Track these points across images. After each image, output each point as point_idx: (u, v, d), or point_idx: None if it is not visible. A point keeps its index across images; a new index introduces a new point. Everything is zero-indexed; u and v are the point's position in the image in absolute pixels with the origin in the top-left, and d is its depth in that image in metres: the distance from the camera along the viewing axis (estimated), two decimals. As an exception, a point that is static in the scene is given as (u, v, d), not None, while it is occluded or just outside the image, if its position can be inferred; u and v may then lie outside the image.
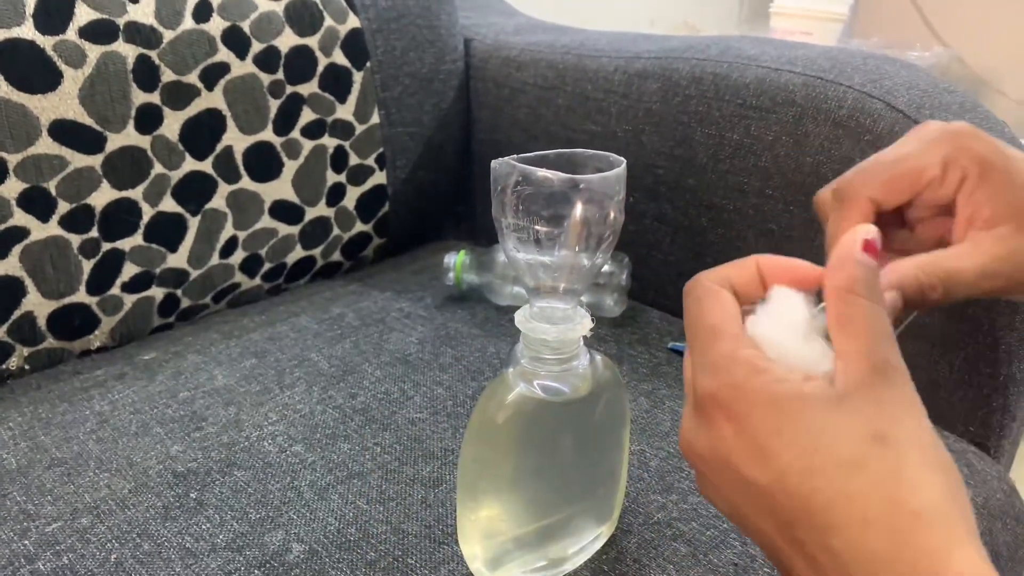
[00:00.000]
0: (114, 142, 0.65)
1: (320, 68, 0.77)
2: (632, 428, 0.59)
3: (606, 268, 0.75)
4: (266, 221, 0.77)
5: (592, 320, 0.42)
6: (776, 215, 0.72)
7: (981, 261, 0.38)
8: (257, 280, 0.80)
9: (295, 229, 0.80)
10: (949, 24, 1.87)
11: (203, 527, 0.50)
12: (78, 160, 0.63)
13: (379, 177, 0.86)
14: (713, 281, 0.35)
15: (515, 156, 0.40)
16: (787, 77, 0.71)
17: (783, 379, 0.30)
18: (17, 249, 0.63)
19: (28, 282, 0.64)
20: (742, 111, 0.73)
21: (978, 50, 1.81)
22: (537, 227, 0.40)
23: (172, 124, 0.68)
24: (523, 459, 0.44)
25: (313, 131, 0.78)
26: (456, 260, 0.79)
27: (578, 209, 0.40)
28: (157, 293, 0.72)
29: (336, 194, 0.82)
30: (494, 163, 0.40)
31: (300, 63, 0.75)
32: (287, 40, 0.74)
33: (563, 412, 0.43)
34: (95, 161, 0.64)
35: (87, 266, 0.66)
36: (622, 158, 0.40)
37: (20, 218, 0.62)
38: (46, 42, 0.61)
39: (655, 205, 0.81)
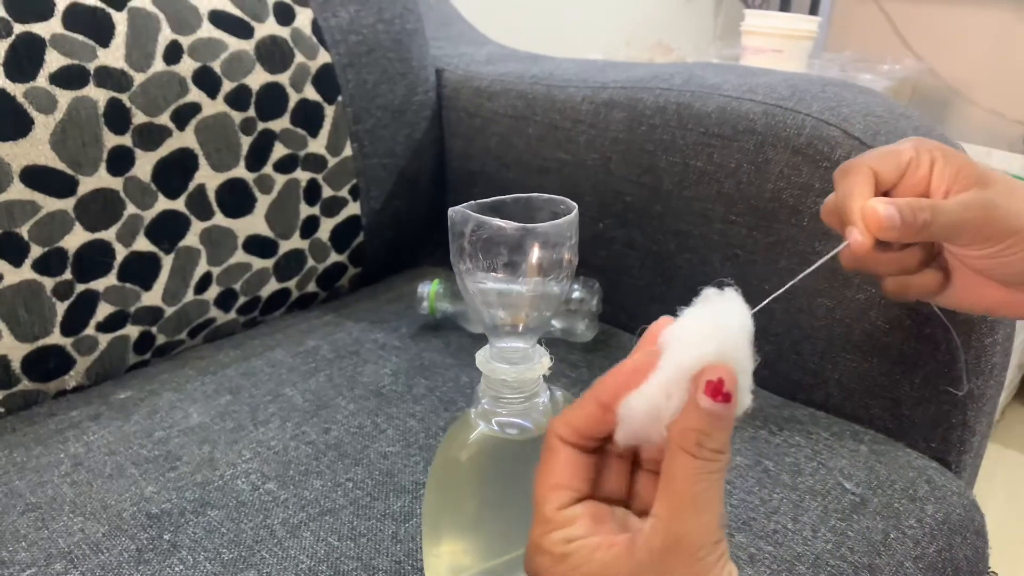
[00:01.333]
0: (86, 185, 0.66)
1: (291, 104, 0.78)
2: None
3: (577, 295, 0.76)
4: (240, 256, 0.78)
5: (551, 359, 0.44)
6: (740, 240, 0.73)
7: (959, 199, 0.43)
8: (232, 314, 0.81)
9: (269, 262, 0.81)
10: (921, 36, 1.90)
11: (176, 569, 0.51)
12: (50, 204, 0.64)
13: (353, 208, 0.87)
14: (558, 432, 0.34)
15: (471, 204, 0.41)
16: (748, 106, 0.73)
17: (581, 565, 0.31)
18: (-9, 293, 0.63)
19: (1, 326, 0.64)
20: (705, 139, 0.74)
21: (950, 62, 1.85)
22: (493, 272, 0.41)
23: (144, 165, 0.69)
24: (487, 496, 0.45)
25: (286, 165, 0.79)
26: (430, 289, 0.81)
27: (533, 255, 0.41)
28: (132, 331, 0.73)
29: (310, 226, 0.83)
30: (451, 211, 0.41)
31: (271, 100, 0.76)
32: (258, 78, 0.75)
33: (525, 449, 0.44)
34: (67, 204, 0.65)
35: (61, 308, 0.67)
36: (574, 204, 0.42)
37: (-7, 263, 0.63)
38: (16, 89, 0.62)
39: (624, 231, 0.82)
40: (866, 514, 0.57)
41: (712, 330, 0.32)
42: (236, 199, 0.76)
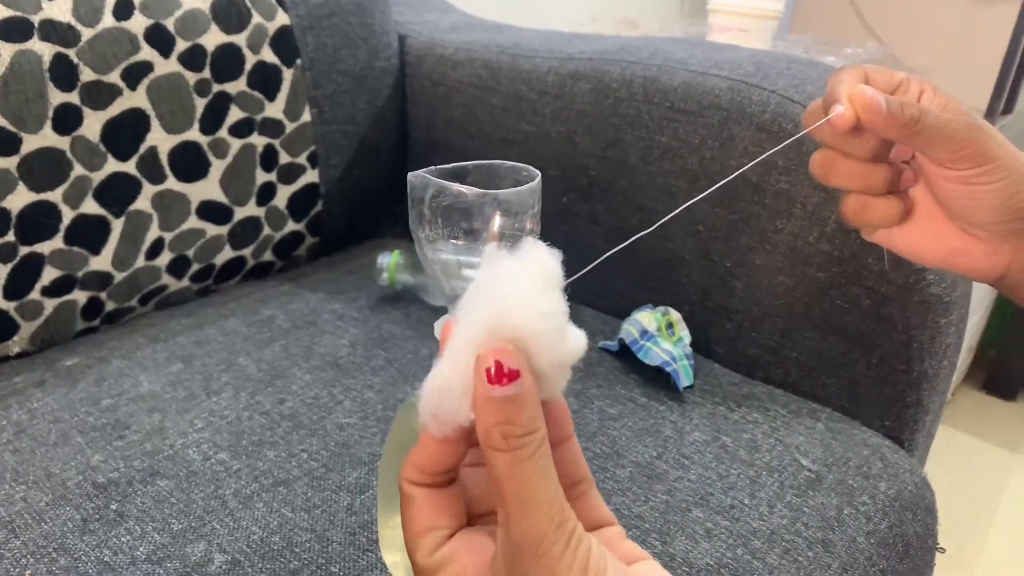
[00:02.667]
0: (30, 143, 0.63)
1: (248, 66, 0.76)
2: (559, 430, 0.60)
3: (538, 268, 0.76)
4: (193, 222, 0.76)
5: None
6: (703, 217, 0.73)
7: (948, 115, 0.43)
8: (185, 282, 0.79)
9: (224, 229, 0.79)
10: (884, 21, 1.92)
11: (123, 539, 0.49)
12: (-8, 162, 0.62)
13: (311, 175, 0.85)
14: (407, 478, 0.32)
15: (432, 168, 0.40)
16: (713, 81, 0.72)
17: None
18: (-72, 254, 0.61)
19: (-59, 288, 0.62)
20: (670, 114, 0.74)
21: (912, 47, 1.86)
22: (453, 240, 0.40)
23: (93, 124, 0.66)
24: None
25: (241, 130, 0.77)
26: (390, 260, 0.79)
27: (494, 222, 0.40)
28: (80, 297, 0.71)
29: (266, 193, 0.81)
30: (410, 176, 0.40)
31: (227, 61, 0.74)
32: (213, 38, 0.72)
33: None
34: (10, 163, 0.62)
35: (3, 271, 0.65)
36: (537, 171, 0.41)
37: (-69, 222, 0.60)
38: (-45, 40, 0.59)
39: (588, 205, 0.81)
40: (821, 490, 0.58)
41: (482, 291, 0.30)
42: (189, 163, 0.74)
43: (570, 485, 0.34)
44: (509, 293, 0.30)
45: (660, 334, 0.71)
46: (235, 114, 0.75)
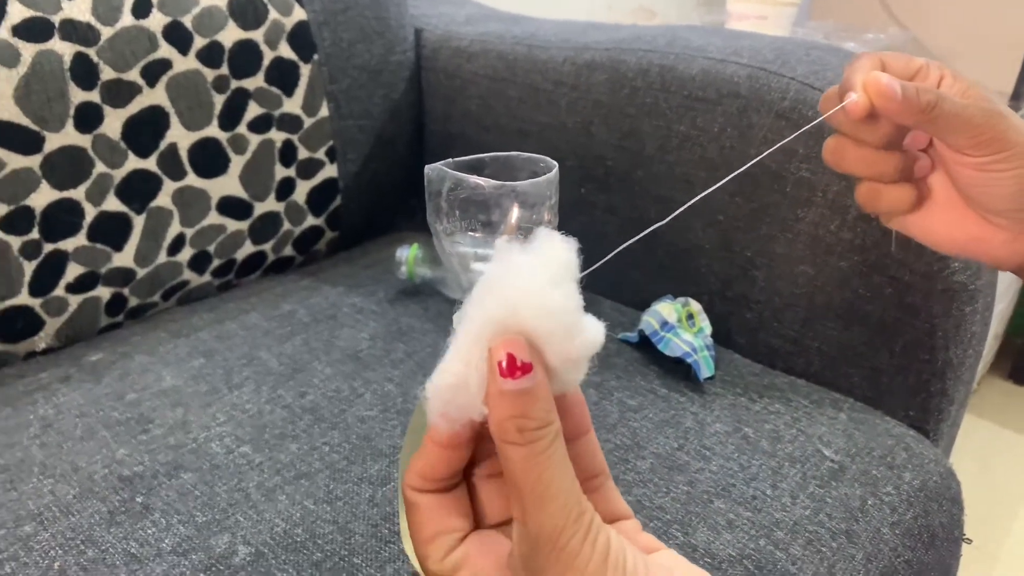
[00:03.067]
0: (53, 142, 0.64)
1: (266, 62, 0.76)
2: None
3: (557, 260, 0.75)
4: (214, 217, 0.76)
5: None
6: (723, 206, 0.73)
7: (966, 100, 0.42)
8: (207, 277, 0.79)
9: (244, 224, 0.79)
10: (905, 5, 1.89)
11: (148, 532, 0.50)
12: (15, 161, 0.62)
13: (330, 170, 0.85)
14: (411, 485, 0.32)
15: (450, 161, 0.40)
16: (732, 69, 0.72)
17: None
18: (-45, 252, 0.62)
19: (-33, 286, 0.63)
20: (688, 103, 0.73)
21: (934, 31, 1.84)
22: (471, 232, 0.40)
23: (113, 122, 0.67)
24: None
25: (260, 125, 0.77)
26: (409, 254, 0.79)
27: (512, 214, 0.40)
28: (103, 293, 0.71)
29: (286, 188, 0.81)
30: (427, 169, 0.40)
31: (245, 57, 0.74)
32: (231, 34, 0.73)
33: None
34: (33, 162, 0.63)
35: (29, 268, 0.65)
36: (554, 162, 0.41)
37: (-44, 221, 0.61)
38: (-22, 41, 0.59)
39: (605, 196, 0.81)
40: (844, 481, 0.58)
41: (492, 285, 0.30)
42: (209, 159, 0.74)
43: (587, 479, 0.33)
44: (518, 288, 0.29)
45: (680, 325, 0.71)
46: (253, 110, 0.76)
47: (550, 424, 0.28)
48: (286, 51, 0.77)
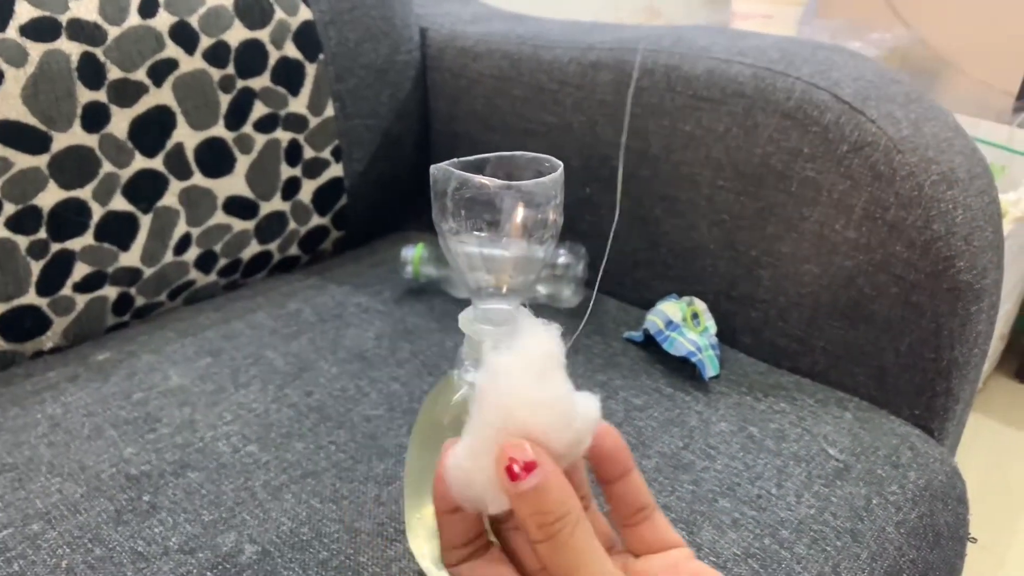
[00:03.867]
0: (60, 142, 0.64)
1: (272, 61, 0.76)
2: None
3: (563, 260, 0.76)
4: (220, 217, 0.77)
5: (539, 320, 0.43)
6: (727, 206, 0.73)
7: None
8: (213, 276, 0.80)
9: (250, 224, 0.80)
10: (912, 4, 1.89)
11: (155, 530, 0.50)
12: (23, 161, 0.63)
13: (335, 170, 0.85)
14: (449, 562, 0.35)
15: (455, 161, 0.40)
16: (737, 68, 0.72)
17: None
18: (-37, 252, 0.62)
19: (-25, 285, 0.63)
20: (693, 102, 0.73)
21: (940, 30, 1.83)
22: (476, 231, 0.40)
23: (120, 122, 0.67)
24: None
25: (266, 125, 0.77)
26: (414, 253, 0.80)
27: (517, 214, 0.40)
28: (110, 292, 0.72)
29: (291, 188, 0.82)
30: (433, 168, 0.40)
31: (251, 57, 0.74)
32: (237, 34, 0.73)
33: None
34: (40, 161, 0.63)
35: (36, 267, 0.66)
36: (559, 162, 0.41)
37: (-35, 220, 0.61)
38: (-14, 41, 0.60)
39: (611, 196, 0.81)
40: (849, 480, 0.58)
41: (486, 395, 0.32)
42: (215, 158, 0.74)
43: (633, 513, 0.35)
44: (509, 394, 0.31)
45: (685, 324, 0.71)
46: (259, 109, 0.76)
47: (567, 515, 0.30)
48: (292, 51, 0.78)
